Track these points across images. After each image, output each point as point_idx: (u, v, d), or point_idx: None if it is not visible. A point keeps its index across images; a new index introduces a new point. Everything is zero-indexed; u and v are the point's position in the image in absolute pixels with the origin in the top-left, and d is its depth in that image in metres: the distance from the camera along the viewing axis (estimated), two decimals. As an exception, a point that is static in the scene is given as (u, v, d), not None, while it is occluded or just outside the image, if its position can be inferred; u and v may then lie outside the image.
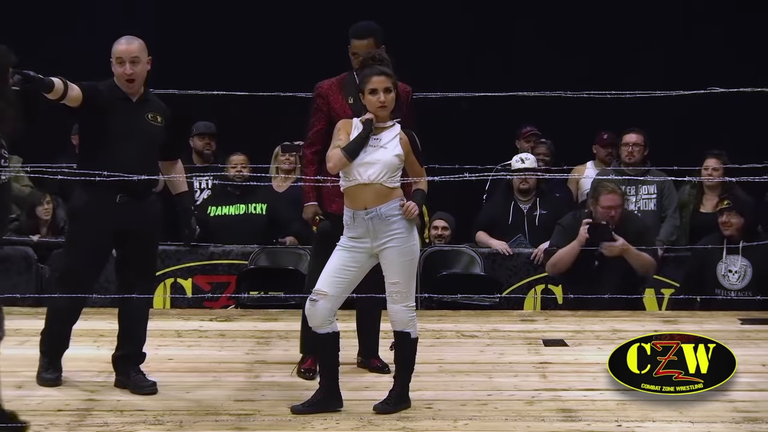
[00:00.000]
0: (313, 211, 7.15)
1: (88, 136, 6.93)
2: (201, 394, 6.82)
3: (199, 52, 11.37)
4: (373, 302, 7.01)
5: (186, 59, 11.15)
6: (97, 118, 6.77)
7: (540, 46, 11.31)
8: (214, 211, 9.65)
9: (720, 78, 7.89)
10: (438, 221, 9.79)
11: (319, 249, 7.09)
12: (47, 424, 6.28)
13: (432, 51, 11.24)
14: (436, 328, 8.29)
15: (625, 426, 6.34)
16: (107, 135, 6.79)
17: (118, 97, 6.84)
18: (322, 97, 7.12)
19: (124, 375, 7.00)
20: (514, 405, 6.67)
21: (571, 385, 7.03)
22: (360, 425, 6.34)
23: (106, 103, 6.79)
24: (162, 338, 8.01)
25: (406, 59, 10.74)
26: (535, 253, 9.44)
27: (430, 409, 6.60)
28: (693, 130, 10.58)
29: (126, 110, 6.83)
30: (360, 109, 6.60)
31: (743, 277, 8.94)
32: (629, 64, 11.06)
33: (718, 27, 11.30)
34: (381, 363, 7.31)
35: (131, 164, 6.79)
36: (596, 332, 8.21)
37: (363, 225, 6.44)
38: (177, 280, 9.46)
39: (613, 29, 11.30)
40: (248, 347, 7.81)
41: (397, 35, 10.86)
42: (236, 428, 6.29)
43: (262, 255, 9.45)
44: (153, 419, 6.40)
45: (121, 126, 6.80)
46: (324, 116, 7.09)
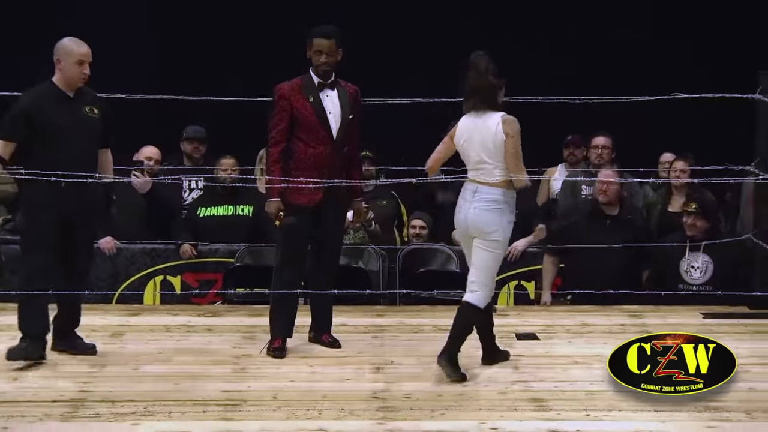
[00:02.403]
0: (276, 206, 7.33)
1: (35, 135, 7.12)
2: (189, 386, 6.82)
3: (193, 57, 11.37)
4: (324, 282, 7.53)
5: (179, 65, 11.17)
6: (40, 121, 7.08)
7: (515, 51, 11.30)
8: (203, 211, 9.65)
9: (685, 83, 7.95)
10: (416, 221, 9.80)
11: (288, 241, 7.39)
12: (42, 415, 6.29)
13: (413, 57, 11.26)
14: (414, 322, 8.31)
15: (593, 415, 6.36)
16: (52, 131, 7.09)
17: (58, 96, 7.16)
18: (284, 98, 7.34)
19: (62, 339, 7.41)
20: (488, 395, 6.69)
21: (543, 377, 7.04)
22: (342, 415, 6.35)
23: (47, 105, 7.11)
24: (152, 333, 8.04)
25: (387, 64, 10.82)
26: (508, 250, 9.46)
27: (408, 399, 6.62)
28: (658, 134, 10.60)
29: (66, 106, 7.15)
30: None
31: (705, 273, 8.98)
32: (600, 68, 11.07)
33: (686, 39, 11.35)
34: (331, 338, 7.62)
35: (75, 155, 7.13)
36: (566, 326, 8.23)
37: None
38: (166, 277, 9.46)
39: (584, 36, 11.32)
40: (234, 341, 7.82)
41: (379, 40, 10.94)
42: (223, 418, 6.30)
43: (248, 254, 9.46)
44: (143, 409, 6.40)
45: (64, 121, 7.11)
46: (287, 116, 7.33)
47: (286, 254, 7.41)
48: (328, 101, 7.36)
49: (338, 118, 7.34)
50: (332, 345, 7.57)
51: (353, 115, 7.40)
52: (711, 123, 10.56)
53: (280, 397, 6.64)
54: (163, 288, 9.44)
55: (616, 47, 11.35)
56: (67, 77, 7.18)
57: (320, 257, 7.55)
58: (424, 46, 11.46)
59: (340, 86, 7.43)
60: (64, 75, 7.18)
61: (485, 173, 7.04)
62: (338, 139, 7.36)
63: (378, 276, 9.40)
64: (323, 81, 7.36)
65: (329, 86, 7.38)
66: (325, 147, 7.33)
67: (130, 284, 9.40)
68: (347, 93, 7.43)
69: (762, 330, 8.12)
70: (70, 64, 7.14)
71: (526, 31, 11.54)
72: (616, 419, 6.31)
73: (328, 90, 7.38)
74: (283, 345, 7.44)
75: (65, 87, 7.20)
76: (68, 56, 7.15)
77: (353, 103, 7.42)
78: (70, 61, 7.15)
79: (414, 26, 11.59)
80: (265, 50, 11.22)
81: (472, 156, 7.08)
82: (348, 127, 7.38)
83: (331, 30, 7.34)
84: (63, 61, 7.16)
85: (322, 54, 7.29)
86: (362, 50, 9.93)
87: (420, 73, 10.90)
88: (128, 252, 9.48)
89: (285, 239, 7.41)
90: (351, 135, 7.45)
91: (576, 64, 11.02)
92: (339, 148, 7.37)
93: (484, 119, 7.04)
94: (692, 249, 8.93)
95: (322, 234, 7.44)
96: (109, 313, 8.55)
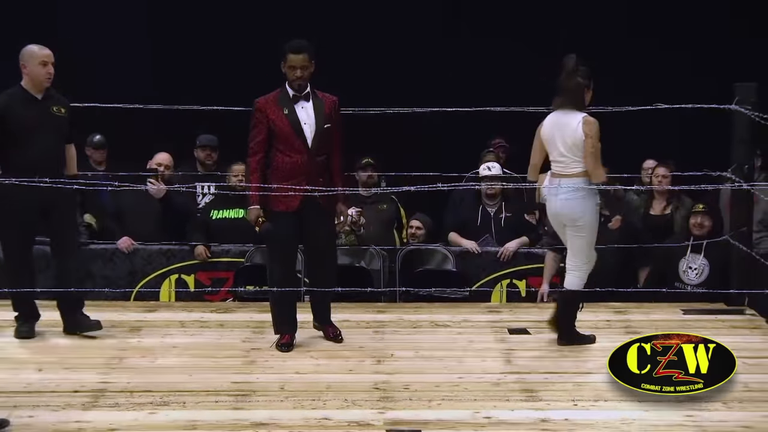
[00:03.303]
0: (256, 214, 7.37)
1: (7, 135, 7.34)
2: (202, 377, 6.82)
3: (201, 67, 11.36)
4: (319, 278, 7.52)
5: (189, 74, 11.16)
6: (11, 121, 7.32)
7: (506, 63, 11.28)
8: (215, 214, 9.63)
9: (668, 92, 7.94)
10: (414, 222, 9.78)
11: (272, 245, 7.46)
12: (65, 405, 6.29)
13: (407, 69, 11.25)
14: (413, 318, 8.29)
15: (581, 405, 6.36)
16: (23, 131, 7.33)
17: (27, 98, 7.41)
18: (261, 111, 7.34)
19: (71, 319, 7.59)
20: (482, 386, 6.69)
21: (533, 369, 7.02)
22: (345, 405, 6.35)
23: (18, 106, 7.35)
24: (167, 328, 8.01)
25: (380, 75, 10.76)
26: (501, 251, 9.45)
27: (407, 390, 6.61)
28: (641, 141, 10.56)
29: (35, 108, 7.40)
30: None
31: (701, 275, 8.96)
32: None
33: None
34: (334, 331, 7.59)
35: (45, 151, 7.38)
36: (555, 322, 8.20)
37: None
38: (181, 276, 9.43)
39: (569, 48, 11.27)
40: (245, 335, 7.80)
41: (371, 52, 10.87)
42: (234, 407, 6.30)
43: (257, 253, 9.43)
44: (159, 399, 6.40)
45: (33, 121, 7.35)
46: (264, 128, 7.33)
47: (273, 256, 7.49)
48: (302, 112, 7.31)
49: (313, 128, 7.29)
50: (335, 338, 7.55)
51: (330, 124, 7.34)
52: (690, 131, 10.52)
53: (287, 388, 6.64)
54: (178, 286, 9.42)
55: (600, 58, 11.28)
56: (33, 79, 7.43)
57: (310, 257, 7.63)
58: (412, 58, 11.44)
59: (317, 97, 7.37)
60: (30, 77, 7.44)
61: (565, 167, 7.32)
62: (313, 148, 7.29)
63: (379, 275, 9.38)
64: (298, 93, 7.32)
65: (304, 98, 7.33)
66: (301, 155, 7.28)
67: (147, 282, 9.38)
68: (324, 103, 7.36)
69: (737, 325, 8.10)
70: (35, 66, 7.41)
71: (517, 42, 11.48)
72: (602, 408, 6.31)
73: (303, 102, 7.33)
74: (291, 341, 7.43)
75: (33, 89, 7.45)
76: (32, 59, 7.42)
77: (330, 113, 7.36)
78: (34, 63, 7.41)
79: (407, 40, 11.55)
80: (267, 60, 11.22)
81: (554, 151, 7.34)
82: (323, 136, 7.31)
83: (303, 45, 7.29)
84: (28, 65, 7.42)
85: (296, 69, 7.25)
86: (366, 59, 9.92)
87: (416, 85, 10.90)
88: (145, 252, 9.46)
89: (270, 243, 7.49)
90: (328, 143, 7.38)
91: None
92: (314, 156, 7.31)
93: (568, 117, 7.29)
94: (693, 250, 8.89)
95: (307, 235, 7.43)
96: (128, 310, 8.53)
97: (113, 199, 9.53)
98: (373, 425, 6.04)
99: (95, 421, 6.06)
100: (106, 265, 9.39)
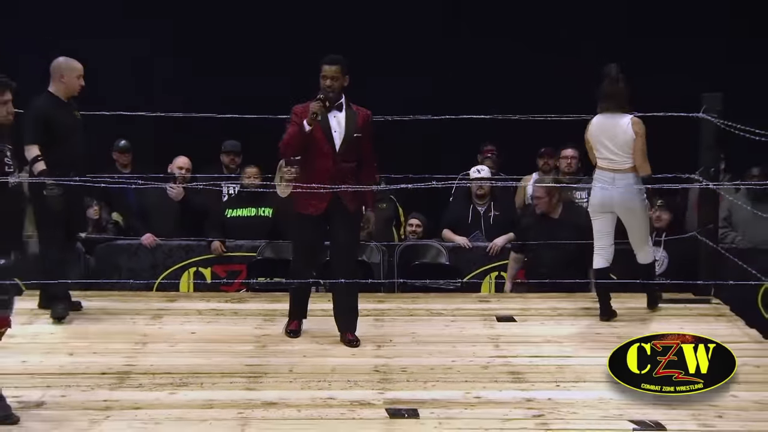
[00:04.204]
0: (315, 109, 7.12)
1: (50, 135, 7.49)
2: (218, 361, 6.84)
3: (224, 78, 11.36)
4: (343, 276, 7.27)
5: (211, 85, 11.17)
6: (55, 123, 7.50)
7: (506, 64, 11.20)
8: (230, 212, 9.65)
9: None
10: (412, 220, 9.81)
11: (299, 248, 7.37)
12: (94, 385, 6.32)
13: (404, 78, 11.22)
14: (410, 307, 8.28)
15: (563, 386, 6.40)
16: (63, 131, 7.53)
17: (59, 103, 7.60)
18: (297, 115, 7.20)
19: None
20: (472, 369, 6.70)
21: (519, 353, 7.04)
22: (348, 386, 6.39)
23: (52, 113, 7.54)
24: (186, 316, 8.01)
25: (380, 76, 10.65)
26: (489, 246, 9.48)
27: (405, 372, 6.64)
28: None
29: (66, 111, 7.60)
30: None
31: (662, 266, 9.01)
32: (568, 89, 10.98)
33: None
34: (351, 337, 7.24)
35: (77, 149, 7.60)
36: (539, 310, 8.18)
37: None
38: (198, 269, 9.46)
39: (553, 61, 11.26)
40: (257, 323, 7.80)
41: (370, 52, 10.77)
42: (247, 388, 6.34)
43: (268, 248, 9.46)
44: (179, 381, 6.43)
45: (64, 125, 7.55)
46: (297, 126, 7.17)
47: (297, 256, 7.41)
48: (333, 121, 7.19)
49: (342, 135, 7.18)
50: (350, 344, 7.20)
51: (361, 134, 7.22)
52: (663, 137, 10.50)
53: (296, 371, 6.66)
54: (196, 278, 9.44)
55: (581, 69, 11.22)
56: (68, 88, 7.64)
57: (334, 257, 7.39)
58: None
59: (350, 109, 7.25)
60: (66, 86, 7.63)
61: (617, 163, 7.59)
62: (340, 153, 7.17)
63: (379, 268, 9.38)
64: (331, 103, 7.23)
65: (337, 108, 7.22)
66: (329, 160, 7.15)
67: (168, 274, 9.39)
68: (357, 115, 7.23)
69: (704, 313, 8.09)
70: (73, 78, 7.65)
71: (517, 42, 11.39)
72: (582, 389, 6.33)
73: (336, 111, 7.21)
74: (299, 327, 7.43)
75: (62, 96, 7.63)
76: (72, 72, 7.65)
77: (362, 125, 7.23)
78: (72, 75, 7.65)
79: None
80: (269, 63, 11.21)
81: (603, 149, 7.60)
82: (351, 144, 7.18)
83: (336, 58, 7.22)
84: (66, 75, 7.62)
85: (327, 78, 7.17)
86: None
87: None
88: (166, 247, 9.48)
89: (295, 244, 7.44)
90: (357, 152, 7.24)
91: (551, 86, 10.86)
92: (341, 161, 7.18)
93: (615, 119, 7.55)
94: (654, 244, 8.93)
95: (332, 237, 7.30)
96: (150, 299, 8.53)
97: (138, 199, 9.59)
98: (373, 404, 6.07)
99: (121, 400, 6.09)
100: (131, 258, 9.42)
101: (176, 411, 5.94)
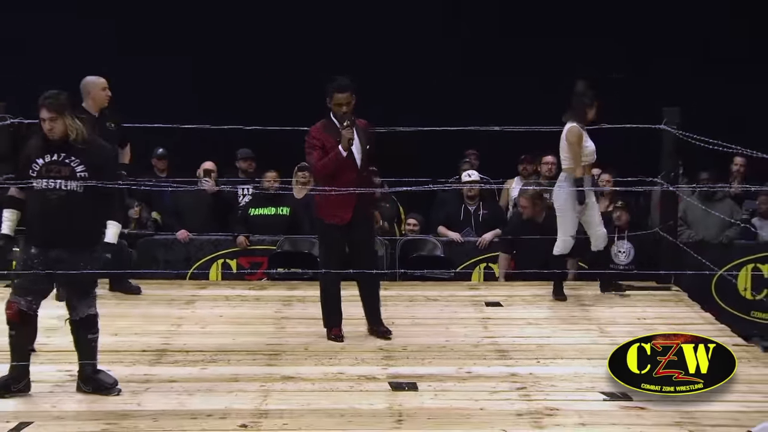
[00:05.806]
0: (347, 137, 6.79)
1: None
2: (243, 340, 6.82)
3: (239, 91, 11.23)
4: (369, 275, 6.89)
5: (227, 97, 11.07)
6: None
7: (487, 84, 11.07)
8: (253, 211, 9.62)
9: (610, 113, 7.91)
10: (410, 219, 9.78)
11: (327, 255, 6.92)
12: (134, 362, 6.31)
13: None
14: (409, 294, 8.28)
15: (542, 362, 6.37)
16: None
17: (90, 117, 7.34)
18: (316, 137, 6.85)
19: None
20: (464, 348, 6.68)
21: (504, 334, 7.02)
22: (356, 362, 6.37)
23: (87, 123, 7.36)
24: (215, 301, 8.01)
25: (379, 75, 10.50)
26: (479, 240, 9.45)
27: (405, 350, 6.62)
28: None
29: (97, 124, 7.26)
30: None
31: (628, 256, 9.00)
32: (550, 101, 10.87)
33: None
34: (384, 329, 6.95)
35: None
36: (523, 296, 8.16)
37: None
38: (226, 260, 9.45)
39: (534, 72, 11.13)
40: (276, 308, 7.80)
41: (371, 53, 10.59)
42: (267, 364, 6.32)
43: (286, 243, 9.43)
44: (209, 357, 6.41)
45: (99, 134, 7.21)
46: (320, 148, 6.81)
47: (326, 262, 6.95)
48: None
49: (359, 150, 6.86)
50: (384, 335, 6.90)
51: (369, 145, 6.95)
52: (629, 145, 10.46)
53: (310, 349, 6.64)
54: (224, 268, 9.42)
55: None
56: (96, 101, 7.59)
57: (357, 261, 6.95)
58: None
59: (357, 124, 6.92)
60: (94, 100, 7.58)
61: (562, 165, 7.82)
62: (362, 167, 6.91)
63: (382, 259, 9.37)
64: (353, 126, 6.84)
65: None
66: (353, 173, 6.84)
67: (199, 265, 9.38)
68: (365, 129, 6.97)
69: (666, 299, 8.08)
70: (98, 91, 7.61)
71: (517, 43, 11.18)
72: (559, 365, 6.31)
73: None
74: (340, 332, 6.89)
75: (92, 109, 7.55)
76: (96, 86, 7.62)
77: (370, 137, 6.97)
78: (97, 89, 7.61)
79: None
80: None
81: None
82: (366, 155, 6.93)
83: (345, 84, 6.84)
84: (92, 90, 7.60)
85: (342, 106, 6.81)
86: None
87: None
88: (198, 241, 9.46)
89: (323, 251, 7.01)
90: (370, 161, 7.05)
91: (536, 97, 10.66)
92: (362, 173, 6.93)
93: (565, 127, 7.73)
94: (619, 237, 8.95)
95: (356, 243, 6.93)
96: (184, 287, 8.53)
97: (173, 200, 9.57)
98: (377, 378, 6.05)
99: (159, 374, 6.08)
100: (168, 251, 9.39)
101: (206, 384, 5.91)
